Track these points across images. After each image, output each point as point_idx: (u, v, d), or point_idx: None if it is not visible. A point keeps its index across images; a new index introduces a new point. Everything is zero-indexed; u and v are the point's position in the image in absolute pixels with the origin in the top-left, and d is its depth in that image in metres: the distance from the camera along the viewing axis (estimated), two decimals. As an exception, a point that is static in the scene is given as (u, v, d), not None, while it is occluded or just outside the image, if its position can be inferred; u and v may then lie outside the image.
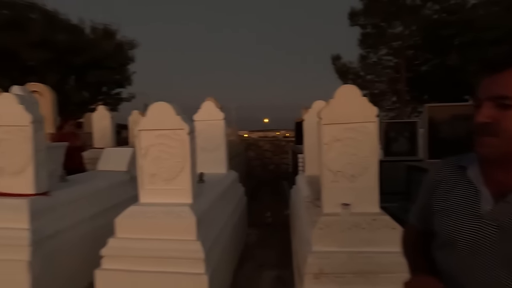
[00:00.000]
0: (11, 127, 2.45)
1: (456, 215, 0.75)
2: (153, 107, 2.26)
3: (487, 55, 0.75)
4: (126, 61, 12.91)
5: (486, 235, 0.69)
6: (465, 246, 0.72)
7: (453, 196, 0.77)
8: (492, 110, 0.66)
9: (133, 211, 2.22)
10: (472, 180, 0.74)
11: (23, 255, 2.22)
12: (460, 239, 0.73)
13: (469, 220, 0.72)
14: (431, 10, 11.40)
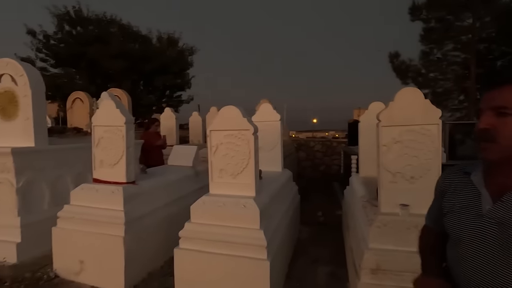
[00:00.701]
0: (109, 127, 3.00)
1: (461, 215, 0.85)
2: (223, 110, 2.57)
3: (488, 74, 0.81)
4: (186, 66, 14.06)
5: (486, 232, 0.77)
6: (469, 242, 0.81)
7: (459, 198, 0.87)
8: (492, 119, 0.75)
9: (205, 200, 2.55)
10: (475, 183, 0.84)
11: (119, 231, 2.72)
12: (464, 236, 0.82)
13: (472, 219, 0.81)
14: None
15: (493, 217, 0.77)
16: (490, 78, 0.82)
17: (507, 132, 0.73)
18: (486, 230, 0.78)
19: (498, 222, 0.76)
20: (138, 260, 2.87)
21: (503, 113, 0.74)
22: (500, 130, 0.74)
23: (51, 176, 3.64)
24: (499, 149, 0.75)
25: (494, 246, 0.75)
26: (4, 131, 3.47)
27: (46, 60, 12.38)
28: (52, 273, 2.91)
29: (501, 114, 0.74)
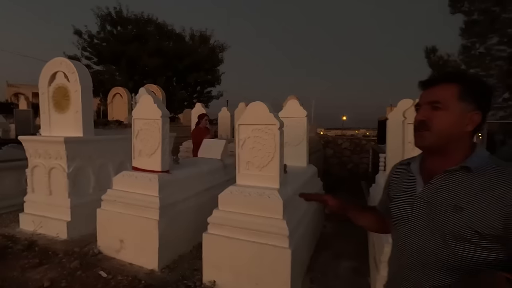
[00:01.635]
0: (148, 120, 3.28)
1: (400, 198, 0.98)
2: (251, 106, 2.71)
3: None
4: (217, 63, 14.45)
5: (418, 210, 0.90)
6: (405, 221, 0.93)
7: (401, 185, 1.00)
8: (428, 112, 0.88)
9: (233, 189, 2.73)
10: (412, 170, 0.97)
11: (154, 215, 3.00)
12: (402, 216, 0.95)
13: (408, 201, 0.94)
14: None
15: (423, 197, 0.89)
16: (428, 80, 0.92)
17: (438, 123, 0.86)
18: (418, 209, 0.90)
19: (426, 201, 0.88)
20: (170, 242, 3.13)
21: (436, 107, 0.86)
22: (433, 121, 0.87)
23: (96, 163, 4.05)
24: (431, 136, 0.87)
25: (423, 222, 0.88)
26: (58, 122, 3.92)
27: (90, 58, 13.41)
28: (97, 249, 3.27)
29: (435, 108, 0.87)
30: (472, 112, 0.85)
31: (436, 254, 0.84)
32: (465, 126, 0.86)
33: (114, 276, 2.86)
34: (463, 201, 0.81)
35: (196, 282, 2.76)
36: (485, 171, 0.81)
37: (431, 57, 11.31)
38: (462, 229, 0.79)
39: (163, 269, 3.01)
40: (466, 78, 0.88)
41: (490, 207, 0.77)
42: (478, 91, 0.87)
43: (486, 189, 0.79)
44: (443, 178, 0.86)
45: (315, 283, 2.88)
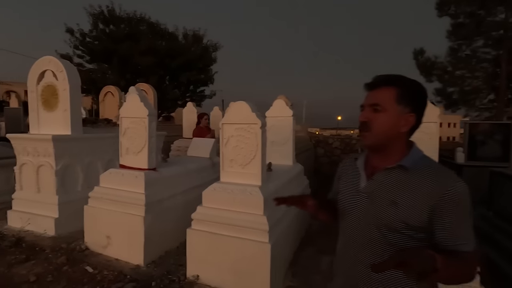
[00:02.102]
0: (135, 118, 3.34)
1: (346, 192, 1.05)
2: (233, 105, 2.80)
3: None
4: (210, 62, 14.49)
5: (360, 204, 0.98)
6: (349, 213, 1.02)
7: (347, 180, 1.08)
8: (369, 113, 0.95)
9: (216, 186, 2.81)
10: (358, 167, 1.04)
11: (140, 211, 3.06)
12: (347, 208, 1.03)
13: (352, 195, 1.02)
14: None
15: (365, 191, 0.98)
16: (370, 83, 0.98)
17: (377, 124, 0.93)
18: (360, 202, 0.99)
19: (368, 196, 0.97)
20: (156, 238, 3.20)
21: (376, 109, 0.94)
22: (373, 123, 0.94)
23: (84, 161, 4.09)
24: (371, 137, 0.95)
25: (364, 214, 0.97)
26: (47, 121, 3.95)
27: (83, 56, 13.34)
28: (84, 245, 3.32)
29: (375, 110, 0.94)
30: (407, 114, 0.93)
31: (372, 241, 0.94)
32: (401, 127, 0.93)
33: (100, 271, 2.92)
34: (398, 197, 0.90)
35: (181, 277, 2.84)
36: (418, 170, 0.90)
37: (419, 58, 11.55)
38: (395, 221, 0.89)
39: (149, 264, 3.08)
40: (404, 82, 0.94)
41: (419, 202, 0.86)
42: (414, 94, 0.94)
43: (417, 186, 0.88)
44: (383, 175, 0.95)
45: (296, 277, 2.98)
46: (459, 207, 0.85)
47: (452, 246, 0.86)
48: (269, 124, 4.39)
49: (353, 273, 0.99)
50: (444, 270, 0.73)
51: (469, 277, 0.85)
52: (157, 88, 10.23)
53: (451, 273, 0.78)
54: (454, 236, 0.86)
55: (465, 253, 0.85)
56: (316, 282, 2.88)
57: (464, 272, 0.84)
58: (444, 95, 12.00)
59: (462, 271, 0.83)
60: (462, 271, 0.84)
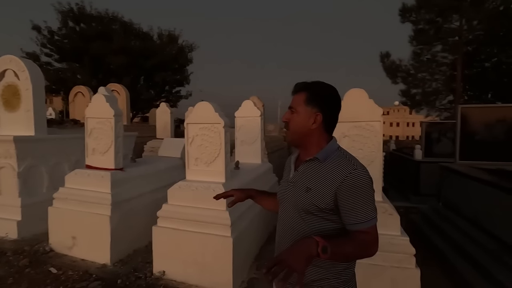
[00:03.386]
0: (100, 119, 3.35)
1: (282, 182, 1.22)
2: (197, 105, 2.90)
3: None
4: (186, 63, 14.41)
5: (289, 191, 1.13)
6: (282, 201, 1.18)
7: (285, 172, 1.25)
8: (289, 115, 1.12)
9: (181, 184, 2.90)
10: (291, 160, 1.21)
11: (106, 211, 3.08)
12: (280, 197, 1.19)
13: (284, 184, 1.19)
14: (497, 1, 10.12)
15: (291, 181, 1.13)
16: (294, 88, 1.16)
17: (292, 124, 1.11)
18: (288, 190, 1.14)
19: (293, 184, 1.12)
20: (124, 237, 3.23)
21: (292, 111, 1.11)
22: (290, 122, 1.11)
23: (50, 162, 4.02)
24: (290, 134, 1.12)
25: (289, 201, 1.12)
26: (8, 121, 3.85)
27: (51, 55, 12.80)
28: (48, 247, 3.29)
29: (292, 112, 1.11)
30: (315, 114, 1.07)
31: (293, 222, 1.10)
32: (311, 125, 1.07)
33: (64, 271, 2.92)
34: (311, 184, 1.04)
35: (147, 274, 2.90)
36: (330, 161, 1.04)
37: (385, 61, 12.21)
38: (309, 205, 1.03)
39: (116, 263, 3.11)
40: (313, 87, 1.09)
41: (326, 188, 1.01)
42: (320, 96, 1.07)
43: (325, 175, 1.02)
44: (304, 166, 1.10)
45: (260, 270, 3.13)
46: (357, 190, 0.98)
47: (353, 226, 0.99)
48: (239, 124, 4.54)
49: (280, 249, 1.12)
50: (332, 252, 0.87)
51: (366, 253, 0.99)
52: (130, 88, 10.06)
53: (342, 252, 0.93)
54: (354, 216, 0.99)
55: (360, 233, 0.99)
56: (279, 273, 3.04)
57: (358, 250, 0.97)
58: (408, 96, 12.77)
59: (355, 250, 0.96)
60: (355, 249, 0.96)
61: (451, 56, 11.44)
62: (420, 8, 10.97)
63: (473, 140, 3.81)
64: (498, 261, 2.58)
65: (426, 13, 10.98)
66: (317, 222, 1.04)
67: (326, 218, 1.03)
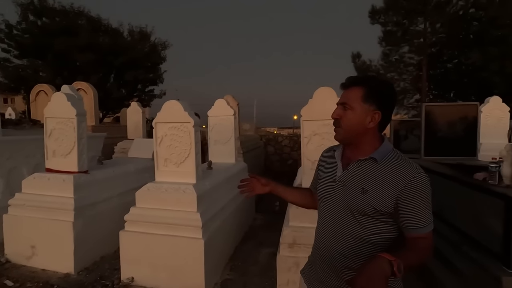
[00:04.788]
0: (61, 119, 3.14)
1: (324, 180, 1.16)
2: (166, 104, 2.80)
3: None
4: (159, 61, 13.94)
5: (336, 191, 1.08)
6: (326, 199, 1.12)
7: (326, 169, 1.17)
8: (340, 111, 1.05)
9: (150, 186, 2.79)
10: (335, 157, 1.14)
11: (69, 217, 2.90)
12: (324, 195, 1.13)
13: (329, 183, 1.12)
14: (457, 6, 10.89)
15: (341, 180, 1.07)
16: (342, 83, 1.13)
17: (346, 121, 1.03)
18: (336, 190, 1.08)
19: (343, 184, 1.06)
20: (89, 244, 3.06)
21: (345, 107, 1.04)
22: (343, 120, 1.04)
23: (5, 166, 3.71)
24: (342, 132, 1.05)
25: (339, 200, 1.07)
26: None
27: (9, 50, 11.87)
28: (4, 258, 3.03)
29: (345, 108, 1.04)
30: (373, 112, 1.00)
31: (346, 224, 1.04)
32: (368, 124, 1.01)
33: (22, 283, 2.71)
34: (368, 185, 0.99)
35: (115, 281, 2.76)
36: (387, 162, 0.99)
37: (356, 61, 12.66)
38: (365, 207, 0.99)
39: (81, 272, 2.94)
40: (370, 82, 1.03)
41: (386, 191, 0.96)
42: (379, 93, 1.01)
43: (385, 176, 0.97)
44: (356, 166, 1.04)
45: (234, 271, 3.09)
46: (420, 195, 0.95)
47: (413, 230, 0.97)
48: (212, 123, 4.46)
49: (328, 251, 1.09)
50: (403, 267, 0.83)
51: (425, 259, 0.98)
52: (99, 87, 9.56)
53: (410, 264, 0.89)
54: (415, 221, 0.96)
55: (418, 238, 0.97)
56: (253, 274, 3.02)
57: (420, 257, 0.96)
58: (379, 95, 13.24)
59: (417, 258, 0.95)
60: (417, 257, 0.95)
61: (417, 57, 12.10)
62: (388, 10, 11.50)
63: (436, 136, 4.01)
64: (459, 251, 2.73)
65: (394, 15, 11.52)
66: (372, 224, 1.01)
67: (381, 220, 1.00)
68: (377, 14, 11.92)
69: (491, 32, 9.49)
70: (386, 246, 1.01)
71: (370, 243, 1.01)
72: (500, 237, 2.31)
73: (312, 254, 1.24)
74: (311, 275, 1.19)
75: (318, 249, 1.16)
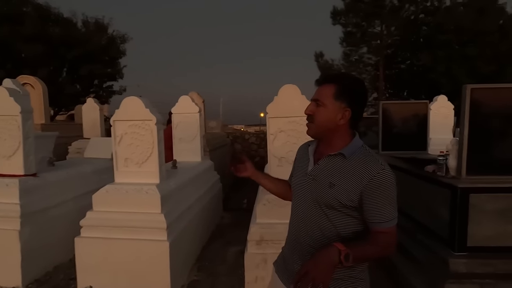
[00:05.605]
0: (3, 116, 2.82)
1: (297, 174, 1.19)
2: (125, 101, 2.64)
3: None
4: (118, 55, 13.10)
5: (306, 185, 1.12)
6: (298, 193, 1.16)
7: (300, 163, 1.20)
8: (313, 107, 1.07)
9: (109, 188, 2.62)
10: (308, 152, 1.17)
11: (14, 225, 2.62)
12: (296, 189, 1.17)
13: (301, 177, 1.15)
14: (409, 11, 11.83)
15: (311, 174, 1.10)
16: (316, 80, 1.16)
17: (318, 117, 1.06)
18: (306, 183, 1.11)
19: (313, 178, 1.09)
20: (40, 253, 2.80)
21: (318, 104, 1.06)
22: (315, 116, 1.06)
23: None
24: (314, 127, 1.08)
25: (308, 194, 1.10)
26: None
27: None
28: None
29: (317, 105, 1.06)
30: (344, 109, 1.03)
31: (314, 217, 1.08)
32: (339, 120, 1.03)
33: (-43, 303, 2.40)
34: (335, 179, 1.02)
35: (70, 291, 2.56)
36: (355, 158, 1.02)
37: (319, 60, 13.15)
38: (331, 200, 1.02)
39: (30, 284, 2.68)
40: (342, 80, 1.06)
41: (352, 185, 1.00)
42: (351, 91, 1.04)
43: (352, 171, 1.00)
44: (326, 161, 1.07)
45: (201, 271, 3.03)
46: (383, 191, 0.98)
47: (376, 224, 1.01)
48: (176, 121, 4.31)
49: (298, 242, 1.13)
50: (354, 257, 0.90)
51: (385, 253, 1.03)
52: (50, 81, 8.75)
53: (366, 255, 0.97)
54: (378, 215, 1.00)
55: (379, 232, 1.01)
56: (221, 273, 2.99)
57: (379, 250, 1.00)
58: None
59: (374, 250, 0.99)
60: (376, 250, 0.99)
61: (374, 57, 12.89)
62: (348, 12, 12.08)
63: (392, 132, 4.28)
64: (413, 238, 2.94)
65: (353, 17, 12.14)
66: (339, 217, 1.04)
67: (347, 214, 1.03)
68: (338, 15, 12.46)
69: (438, 36, 10.47)
70: (352, 238, 1.05)
71: (337, 235, 1.05)
72: (447, 224, 2.54)
73: (285, 246, 1.27)
74: (282, 266, 1.23)
75: (289, 241, 1.20)
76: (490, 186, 2.38)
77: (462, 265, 2.33)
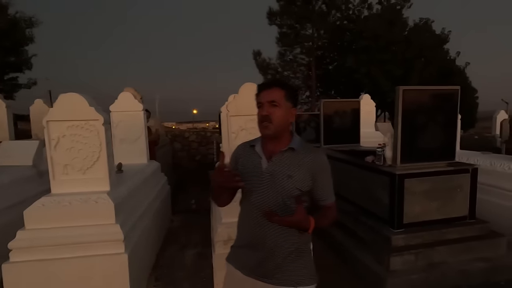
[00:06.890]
0: None
1: (250, 174, 1.21)
2: (62, 98, 2.27)
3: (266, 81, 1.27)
4: (23, 41, 10.98)
5: (265, 181, 1.18)
6: (256, 190, 1.19)
7: (248, 163, 1.24)
8: (269, 108, 1.16)
9: (45, 201, 2.22)
10: (257, 152, 1.23)
11: None
12: (253, 187, 1.20)
13: (257, 175, 1.20)
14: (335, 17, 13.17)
15: (267, 171, 1.18)
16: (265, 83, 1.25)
17: (276, 117, 1.16)
18: (264, 180, 1.18)
19: (270, 173, 1.18)
20: None
21: (274, 105, 1.16)
22: (273, 116, 1.15)
23: None
24: (273, 127, 1.16)
25: (268, 189, 1.18)
26: None
27: None
28: None
29: (273, 106, 1.16)
30: (292, 109, 1.21)
31: (280, 211, 1.13)
32: (290, 119, 1.21)
33: None
34: (292, 171, 1.16)
35: (-2, 330, 2.11)
36: (301, 149, 1.19)
37: (257, 59, 13.55)
38: (293, 190, 1.15)
39: None
40: (287, 85, 1.23)
41: (306, 172, 1.16)
42: (295, 94, 1.23)
43: (303, 161, 1.17)
44: (279, 156, 1.18)
45: (160, 280, 2.85)
46: (326, 171, 1.21)
47: (325, 201, 1.22)
48: (116, 120, 3.90)
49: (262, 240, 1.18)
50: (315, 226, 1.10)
51: (331, 222, 1.23)
52: None
53: (320, 226, 1.15)
54: (325, 193, 1.22)
55: (328, 207, 1.23)
56: (182, 279, 2.86)
57: (329, 221, 1.22)
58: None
59: (326, 222, 1.21)
60: (327, 221, 1.21)
61: (307, 58, 13.88)
62: (283, 14, 12.70)
63: (332, 128, 4.70)
64: (357, 221, 3.31)
65: (288, 19, 12.83)
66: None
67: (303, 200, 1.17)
68: (274, 16, 12.98)
69: (360, 42, 11.91)
70: None
71: None
72: (387, 206, 2.94)
73: (237, 244, 1.32)
74: (241, 262, 1.26)
75: (247, 238, 1.24)
76: (418, 171, 2.85)
77: (401, 240, 2.74)
